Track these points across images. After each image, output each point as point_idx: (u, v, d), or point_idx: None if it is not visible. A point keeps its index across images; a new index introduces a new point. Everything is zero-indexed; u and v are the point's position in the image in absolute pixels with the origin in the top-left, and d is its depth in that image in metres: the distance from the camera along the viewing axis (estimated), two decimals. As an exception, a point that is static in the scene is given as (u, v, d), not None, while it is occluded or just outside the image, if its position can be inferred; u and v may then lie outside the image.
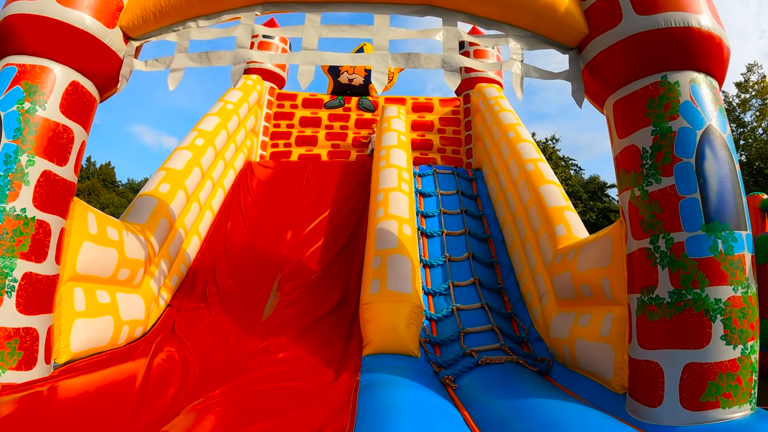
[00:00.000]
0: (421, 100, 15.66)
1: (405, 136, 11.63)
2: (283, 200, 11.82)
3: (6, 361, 4.89)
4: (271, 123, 15.26)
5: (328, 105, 15.68)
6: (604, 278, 5.80)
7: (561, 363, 6.78)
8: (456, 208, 11.29)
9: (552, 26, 5.93)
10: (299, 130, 15.26)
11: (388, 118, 12.38)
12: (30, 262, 5.21)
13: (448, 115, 15.38)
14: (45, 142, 5.44)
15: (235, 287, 9.16)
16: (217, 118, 11.75)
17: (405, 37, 6.22)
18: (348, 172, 12.96)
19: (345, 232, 10.65)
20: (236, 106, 12.71)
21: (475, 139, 14.18)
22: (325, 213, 11.29)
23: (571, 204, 8.79)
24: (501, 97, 13.38)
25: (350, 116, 15.49)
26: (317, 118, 15.39)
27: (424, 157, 14.44)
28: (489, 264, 9.72)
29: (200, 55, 6.16)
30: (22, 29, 5.52)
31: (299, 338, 7.60)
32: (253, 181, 12.57)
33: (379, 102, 15.70)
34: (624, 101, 5.45)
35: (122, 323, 6.78)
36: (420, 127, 15.09)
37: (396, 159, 10.36)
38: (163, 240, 8.48)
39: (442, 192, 11.88)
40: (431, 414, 4.56)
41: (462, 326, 7.71)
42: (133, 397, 5.15)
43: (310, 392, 5.54)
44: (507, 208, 10.49)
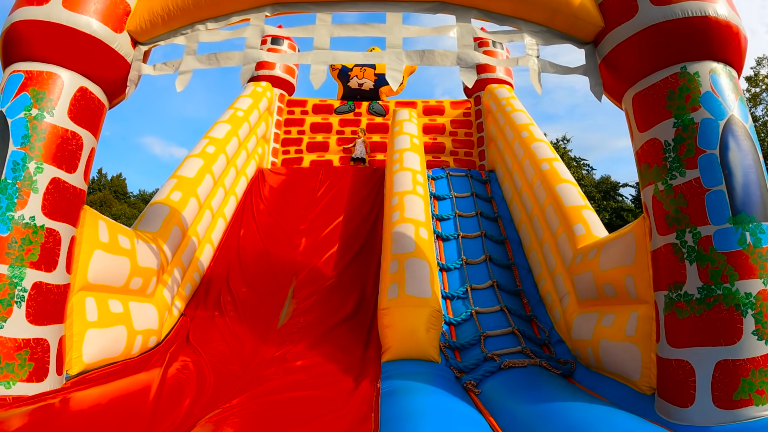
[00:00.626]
0: (431, 103, 15.62)
1: (417, 139, 11.53)
2: (296, 207, 11.73)
3: (16, 373, 4.78)
4: (281, 130, 15.22)
5: (338, 110, 15.64)
6: (628, 276, 5.67)
7: (584, 365, 6.65)
8: (471, 210, 11.18)
9: (567, 20, 5.84)
10: (310, 136, 15.23)
11: (399, 121, 12.27)
12: (40, 271, 5.11)
13: (460, 117, 15.33)
14: (53, 148, 5.34)
15: (250, 295, 9.05)
16: (228, 126, 11.69)
17: (418, 34, 6.11)
18: (361, 176, 12.87)
19: (359, 238, 10.54)
20: (246, 113, 12.66)
21: (488, 141, 14.09)
22: (339, 218, 11.20)
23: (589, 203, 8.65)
24: (513, 98, 13.30)
25: (361, 121, 15.46)
26: (328, 124, 15.35)
27: (437, 160, 14.36)
28: (506, 266, 9.60)
29: (209, 56, 6.08)
30: (29, 35, 5.45)
31: (316, 345, 7.48)
32: (265, 187, 12.51)
33: (389, 106, 15.64)
34: (643, 94, 5.35)
35: (135, 333, 6.67)
36: (431, 130, 15.02)
37: (410, 162, 10.25)
38: (175, 248, 8.39)
39: (457, 195, 11.77)
40: (456, 421, 4.45)
41: (482, 330, 7.57)
42: (148, 409, 5.03)
43: (330, 401, 5.41)
44: (523, 209, 10.39)
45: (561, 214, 8.36)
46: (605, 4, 5.67)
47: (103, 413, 4.67)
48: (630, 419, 4.30)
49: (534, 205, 9.69)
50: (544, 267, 8.82)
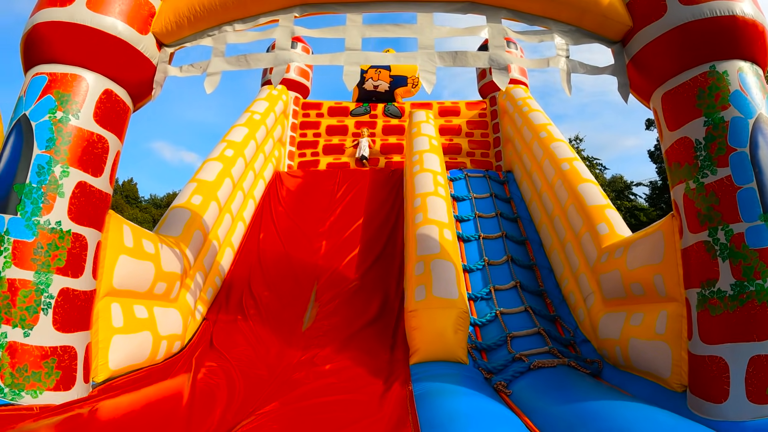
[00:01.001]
0: (447, 104, 15.59)
1: (436, 140, 11.45)
2: (315, 209, 11.71)
3: (43, 382, 4.70)
4: (297, 132, 15.21)
5: (354, 112, 15.60)
6: (657, 275, 5.66)
7: (612, 364, 6.64)
8: (491, 211, 11.14)
9: (595, 20, 5.81)
10: (326, 139, 15.23)
11: (417, 122, 12.20)
12: (66, 277, 5.02)
13: (475, 118, 15.30)
14: (79, 152, 5.25)
15: (272, 298, 9.01)
16: (246, 129, 11.66)
17: (450, 35, 6.05)
18: (379, 178, 12.82)
19: (381, 240, 10.49)
20: (263, 116, 12.65)
21: (505, 141, 14.04)
22: (358, 221, 11.15)
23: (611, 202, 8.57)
24: (529, 98, 13.30)
25: (377, 123, 15.43)
26: (344, 126, 15.33)
27: (454, 162, 14.30)
28: (528, 266, 9.57)
29: (238, 58, 6.00)
30: (52, 37, 5.36)
31: (343, 349, 7.42)
32: (283, 190, 12.49)
33: (405, 108, 15.63)
34: (673, 93, 5.33)
35: (160, 338, 6.60)
36: (448, 131, 14.99)
37: (430, 163, 10.16)
38: (197, 252, 8.33)
39: (476, 195, 11.72)
40: (497, 423, 4.39)
41: (507, 330, 7.56)
42: (182, 416, 4.95)
43: (364, 405, 5.34)
44: (543, 210, 10.36)
45: (584, 213, 8.33)
46: (633, 4, 5.66)
47: (136, 422, 4.58)
48: (670, 417, 4.28)
49: (555, 205, 9.66)
50: (567, 267, 8.80)
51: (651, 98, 5.76)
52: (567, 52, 5.98)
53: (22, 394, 4.59)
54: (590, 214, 8.17)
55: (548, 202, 10.08)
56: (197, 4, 5.83)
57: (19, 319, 4.69)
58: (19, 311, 4.70)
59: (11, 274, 4.76)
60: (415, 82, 16.24)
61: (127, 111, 5.93)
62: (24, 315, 4.71)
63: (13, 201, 4.95)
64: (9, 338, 4.63)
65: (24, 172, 5.03)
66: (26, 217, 4.90)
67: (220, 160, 10.16)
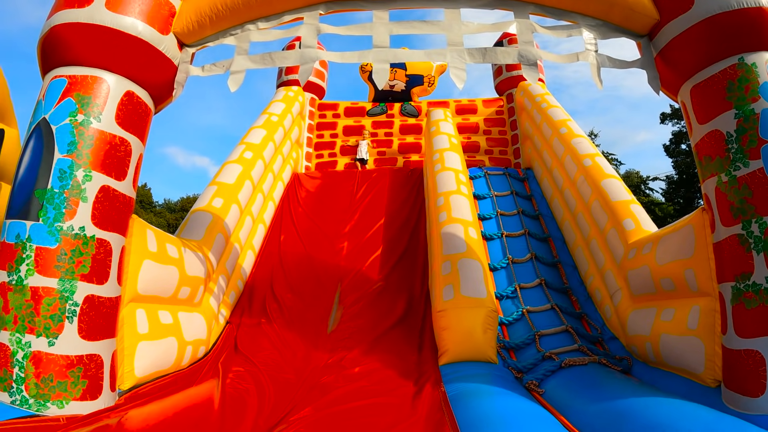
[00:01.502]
0: (464, 102, 15.49)
1: (455, 139, 11.37)
2: (335, 210, 11.66)
3: (69, 392, 4.60)
4: (314, 134, 15.20)
5: (370, 112, 15.53)
6: (688, 269, 5.60)
7: (642, 361, 6.58)
8: (512, 209, 11.04)
9: (622, 13, 5.73)
10: (343, 139, 15.20)
11: (435, 121, 12.13)
12: (91, 284, 4.91)
13: (493, 115, 15.21)
14: (102, 155, 5.14)
15: (296, 301, 8.95)
16: (264, 131, 11.61)
17: (478, 31, 5.96)
18: (398, 178, 12.76)
19: (403, 240, 10.42)
20: (281, 117, 12.61)
21: (523, 138, 13.93)
22: (380, 221, 11.10)
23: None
24: (547, 94, 13.20)
25: (394, 122, 15.35)
26: (361, 126, 15.27)
27: (472, 160, 14.19)
28: (552, 264, 9.50)
29: (263, 56, 5.90)
30: (71, 39, 5.24)
31: (370, 351, 7.35)
32: (302, 192, 12.46)
33: (422, 107, 15.53)
34: (702, 86, 5.27)
35: (186, 344, 6.52)
36: (466, 129, 14.90)
37: (451, 162, 10.10)
38: (220, 255, 8.26)
39: (497, 193, 11.61)
40: (536, 423, 4.34)
41: (535, 329, 7.50)
42: (213, 424, 4.90)
43: (397, 408, 5.30)
44: (566, 206, 10.27)
45: (608, 209, 8.25)
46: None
47: (168, 430, 4.49)
48: (708, 412, 4.21)
49: (578, 201, 9.57)
50: (592, 264, 8.72)
51: (679, 92, 5.70)
52: (596, 47, 5.89)
53: (48, 404, 4.49)
54: (615, 210, 8.09)
55: (571, 199, 9.99)
56: (219, 3, 5.73)
57: (43, 327, 4.59)
58: (43, 320, 4.60)
59: (34, 281, 4.67)
60: (432, 81, 16.16)
61: (149, 113, 5.83)
62: (48, 323, 4.61)
63: (34, 207, 4.85)
64: (33, 348, 4.54)
65: (45, 177, 4.92)
66: (48, 223, 4.81)
67: (239, 162, 10.11)
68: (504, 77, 15.03)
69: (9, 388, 4.48)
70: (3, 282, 4.72)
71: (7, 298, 4.65)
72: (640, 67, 5.85)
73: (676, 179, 41.85)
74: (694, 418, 4.04)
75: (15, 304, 4.62)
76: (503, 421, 4.26)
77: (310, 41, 5.84)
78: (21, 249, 4.73)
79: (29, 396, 4.46)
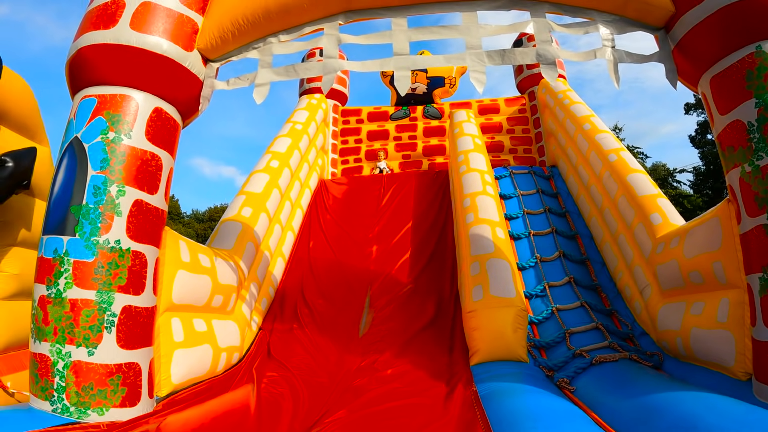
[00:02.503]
0: (486, 102, 15.53)
1: (480, 139, 11.40)
2: (362, 215, 11.74)
3: (109, 399, 4.74)
4: (338, 140, 15.31)
5: (393, 116, 15.62)
6: (716, 262, 5.51)
7: (672, 356, 6.51)
8: (539, 207, 11.00)
9: (638, 6, 5.67)
10: (368, 144, 15.32)
11: (459, 122, 12.17)
12: (128, 294, 5.06)
13: (515, 114, 15.21)
14: (134, 170, 5.30)
15: (327, 306, 9.03)
16: (289, 139, 11.73)
17: (496, 33, 5.94)
18: (424, 181, 12.78)
19: (431, 242, 10.45)
20: (305, 125, 12.72)
21: (547, 136, 13.92)
22: (407, 225, 11.14)
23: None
24: (569, 90, 13.15)
25: (417, 125, 15.44)
26: (384, 131, 15.38)
27: (497, 159, 14.23)
28: (580, 261, 9.45)
29: (287, 68, 5.98)
30: (98, 60, 5.39)
31: (402, 353, 7.40)
32: (329, 198, 12.55)
33: (444, 108, 15.59)
34: (721, 76, 5.18)
35: (220, 351, 6.66)
36: (489, 129, 14.92)
37: (476, 163, 10.13)
38: (250, 263, 8.40)
39: (522, 192, 11.59)
40: (568, 420, 4.33)
41: (565, 327, 7.49)
42: (250, 428, 4.99)
43: (429, 408, 5.33)
44: (592, 203, 10.21)
45: (635, 204, 8.21)
46: (675, -12, 5.53)
47: (206, 435, 4.62)
48: (739, 405, 4.15)
49: (604, 197, 9.53)
50: (621, 259, 8.67)
51: (699, 83, 5.62)
52: (612, 42, 5.85)
53: (88, 412, 4.64)
54: (642, 205, 8.05)
55: (597, 195, 9.94)
56: (240, 18, 5.83)
57: (82, 338, 4.73)
58: (82, 330, 4.74)
59: (73, 294, 4.81)
60: (453, 83, 16.21)
61: (177, 127, 5.97)
62: (87, 334, 4.75)
63: (71, 222, 5.00)
64: (73, 357, 4.69)
65: (80, 194, 5.06)
66: (85, 238, 4.95)
67: (266, 171, 10.25)
68: (525, 75, 15.05)
69: (50, 397, 4.64)
70: (42, 295, 4.87)
71: (46, 311, 4.80)
72: (658, 60, 5.81)
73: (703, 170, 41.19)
74: (725, 411, 4.01)
75: (54, 316, 4.76)
76: (535, 419, 4.28)
77: (332, 51, 5.91)
78: (59, 263, 4.88)
79: (70, 404, 4.60)
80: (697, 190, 41.57)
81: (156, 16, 5.53)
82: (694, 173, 42.73)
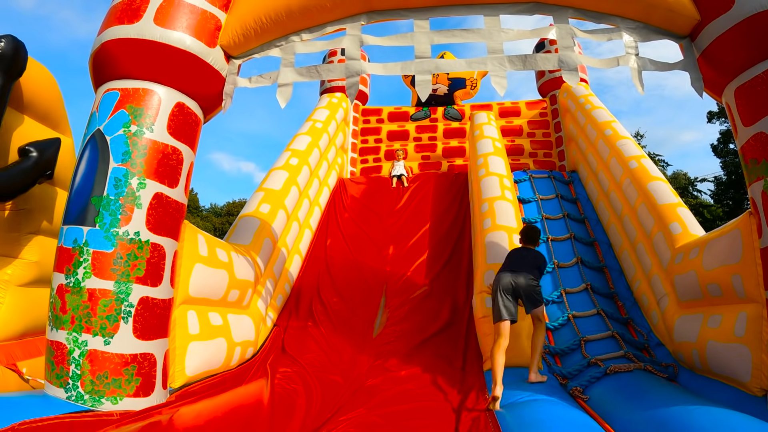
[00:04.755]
0: (507, 105, 15.46)
1: (500, 143, 11.34)
2: (380, 215, 11.75)
3: (123, 388, 4.81)
4: (358, 139, 15.33)
5: (414, 117, 15.59)
6: (735, 275, 5.39)
7: (688, 368, 6.40)
8: (558, 212, 10.91)
9: (663, 14, 5.63)
10: (388, 144, 15.29)
11: (479, 125, 12.13)
12: (146, 286, 5.12)
13: (536, 117, 15.14)
14: (155, 164, 5.36)
15: (342, 305, 9.06)
16: (309, 137, 11.77)
17: (518, 38, 5.94)
18: (443, 182, 12.78)
19: (448, 245, 10.43)
20: (325, 124, 12.75)
21: (567, 140, 13.82)
22: (425, 226, 11.14)
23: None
24: (590, 95, 13.04)
25: (438, 127, 15.41)
26: (405, 131, 15.36)
27: (517, 163, 14.15)
28: (598, 268, 9.32)
29: (309, 69, 6.03)
30: (121, 54, 5.47)
31: (415, 355, 7.41)
32: (348, 197, 12.57)
33: (465, 110, 15.53)
34: (747, 87, 5.08)
35: (235, 345, 6.70)
36: (509, 132, 14.86)
37: (495, 167, 10.08)
38: (267, 260, 8.45)
39: (542, 197, 11.50)
40: (579, 430, 4.29)
41: (581, 334, 7.39)
42: (263, 422, 5.01)
43: (443, 412, 5.34)
44: (611, 210, 10.10)
45: (655, 213, 8.09)
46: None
47: (218, 427, 4.65)
48: (752, 422, 4.09)
49: (624, 204, 9.42)
50: (639, 268, 8.54)
51: (723, 93, 5.54)
52: (636, 50, 5.79)
53: (102, 400, 4.71)
54: (662, 214, 7.93)
55: (617, 202, 9.84)
56: (263, 16, 5.87)
57: (99, 327, 4.80)
58: (99, 320, 4.81)
59: (91, 284, 4.88)
60: (474, 84, 16.17)
61: (198, 122, 6.02)
62: (104, 324, 4.82)
63: (91, 213, 5.06)
64: (90, 346, 4.75)
65: (101, 185, 5.13)
66: (105, 229, 5.01)
67: (285, 168, 10.30)
68: (547, 79, 14.99)
69: (65, 384, 4.71)
70: (61, 284, 4.94)
71: (64, 299, 4.87)
72: (683, 68, 5.74)
73: (724, 180, 40.46)
74: (738, 428, 3.97)
75: (72, 305, 4.84)
76: (548, 429, 4.26)
77: (354, 53, 5.93)
78: (78, 253, 4.95)
79: (84, 392, 4.67)
80: (717, 200, 40.83)
81: (180, 11, 5.59)
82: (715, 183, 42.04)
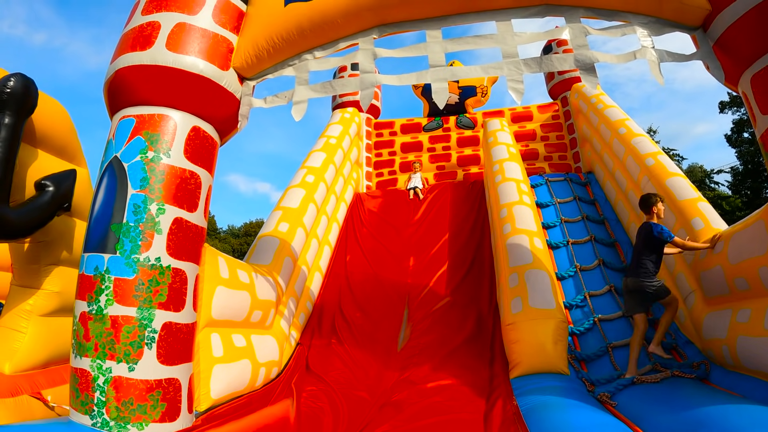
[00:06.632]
0: (519, 110, 15.40)
1: (514, 148, 11.33)
2: (398, 228, 11.74)
3: (149, 414, 4.77)
4: (372, 153, 15.34)
5: (427, 128, 15.59)
6: (762, 267, 5.36)
7: (719, 365, 6.31)
8: (576, 215, 10.85)
9: (674, 7, 5.55)
10: (402, 156, 15.30)
11: (492, 132, 12.12)
12: (169, 311, 5.10)
13: (549, 120, 15.06)
14: (173, 189, 5.35)
15: (364, 320, 9.03)
16: (323, 154, 11.80)
17: (531, 40, 5.87)
18: (459, 192, 12.75)
19: (468, 254, 10.38)
20: (339, 140, 12.79)
21: (582, 142, 13.75)
22: (444, 237, 11.11)
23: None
24: (602, 94, 12.96)
25: (451, 136, 15.39)
26: (418, 143, 15.36)
27: (532, 167, 14.08)
28: (620, 269, 9.23)
29: (323, 84, 6.01)
30: (136, 80, 5.48)
31: (441, 367, 7.34)
32: (365, 211, 12.58)
33: (477, 118, 15.49)
34: (763, 74, 4.99)
35: (259, 365, 6.68)
36: (523, 137, 14.81)
37: (511, 172, 10.07)
38: (288, 278, 8.45)
39: (559, 200, 11.44)
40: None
41: (607, 340, 7.36)
42: None
43: (472, 423, 5.31)
44: (631, 209, 10.04)
45: (676, 209, 8.04)
46: (710, -14, 5.38)
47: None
48: None
49: (644, 203, 9.28)
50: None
51: (739, 82, 5.44)
52: (652, 43, 5.71)
53: (128, 426, 4.67)
54: (682, 209, 7.90)
55: (636, 201, 9.62)
56: (275, 36, 5.87)
57: (123, 354, 4.78)
58: (123, 346, 4.79)
59: (114, 311, 4.86)
60: (485, 91, 16.13)
61: (215, 146, 6.03)
62: (128, 350, 4.80)
63: (111, 240, 5.06)
64: (114, 373, 4.73)
65: (120, 212, 5.12)
66: (125, 255, 5.00)
67: (302, 186, 10.32)
68: (557, 81, 14.93)
69: (90, 412, 4.68)
70: (83, 312, 4.94)
71: (87, 327, 4.86)
72: (700, 58, 5.66)
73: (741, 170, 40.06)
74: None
75: (96, 332, 4.82)
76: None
77: (368, 66, 5.91)
78: (100, 280, 4.94)
79: (110, 419, 4.64)
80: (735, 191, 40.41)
81: (191, 36, 5.61)
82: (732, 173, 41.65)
